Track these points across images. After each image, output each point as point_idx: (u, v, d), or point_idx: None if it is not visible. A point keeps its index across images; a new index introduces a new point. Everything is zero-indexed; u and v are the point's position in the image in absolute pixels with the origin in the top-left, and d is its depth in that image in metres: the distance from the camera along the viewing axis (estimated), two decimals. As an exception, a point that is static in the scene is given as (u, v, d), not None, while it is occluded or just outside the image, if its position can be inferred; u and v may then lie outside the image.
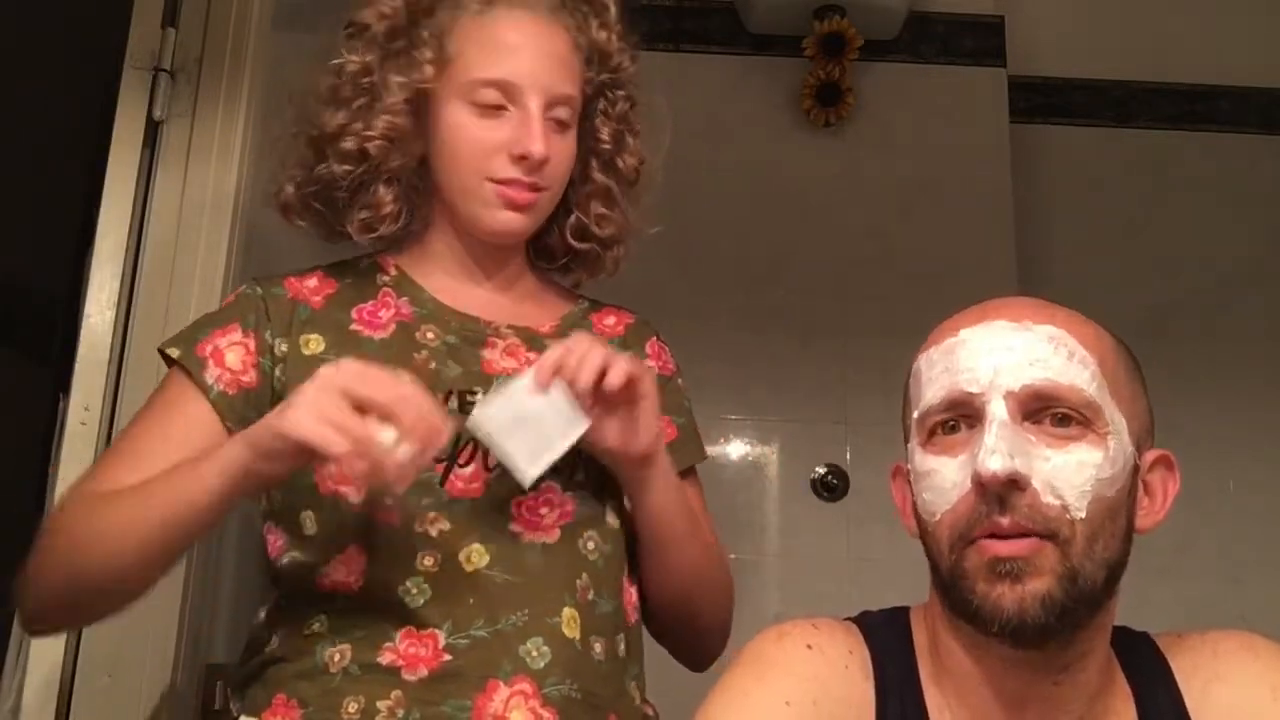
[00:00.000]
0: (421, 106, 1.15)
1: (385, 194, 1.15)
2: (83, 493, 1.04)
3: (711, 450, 1.86)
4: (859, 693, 0.88)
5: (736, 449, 2.15)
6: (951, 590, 0.83)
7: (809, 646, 0.89)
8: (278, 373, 1.11)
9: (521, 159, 1.11)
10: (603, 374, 1.02)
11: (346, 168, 1.14)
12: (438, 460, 1.04)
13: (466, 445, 1.07)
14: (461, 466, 1.07)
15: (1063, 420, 0.82)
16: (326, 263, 1.21)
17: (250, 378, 1.10)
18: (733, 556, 2.00)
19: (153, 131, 1.59)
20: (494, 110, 1.12)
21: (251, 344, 1.12)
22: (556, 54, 1.15)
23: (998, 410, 0.82)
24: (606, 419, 1.05)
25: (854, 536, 2.10)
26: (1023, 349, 0.84)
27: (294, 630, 1.06)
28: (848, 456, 2.13)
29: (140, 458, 1.05)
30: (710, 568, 1.20)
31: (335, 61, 1.16)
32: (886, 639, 0.91)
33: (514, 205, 1.13)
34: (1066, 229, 2.41)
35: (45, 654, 1.42)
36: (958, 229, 2.22)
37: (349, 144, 1.13)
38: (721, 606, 1.23)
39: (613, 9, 1.23)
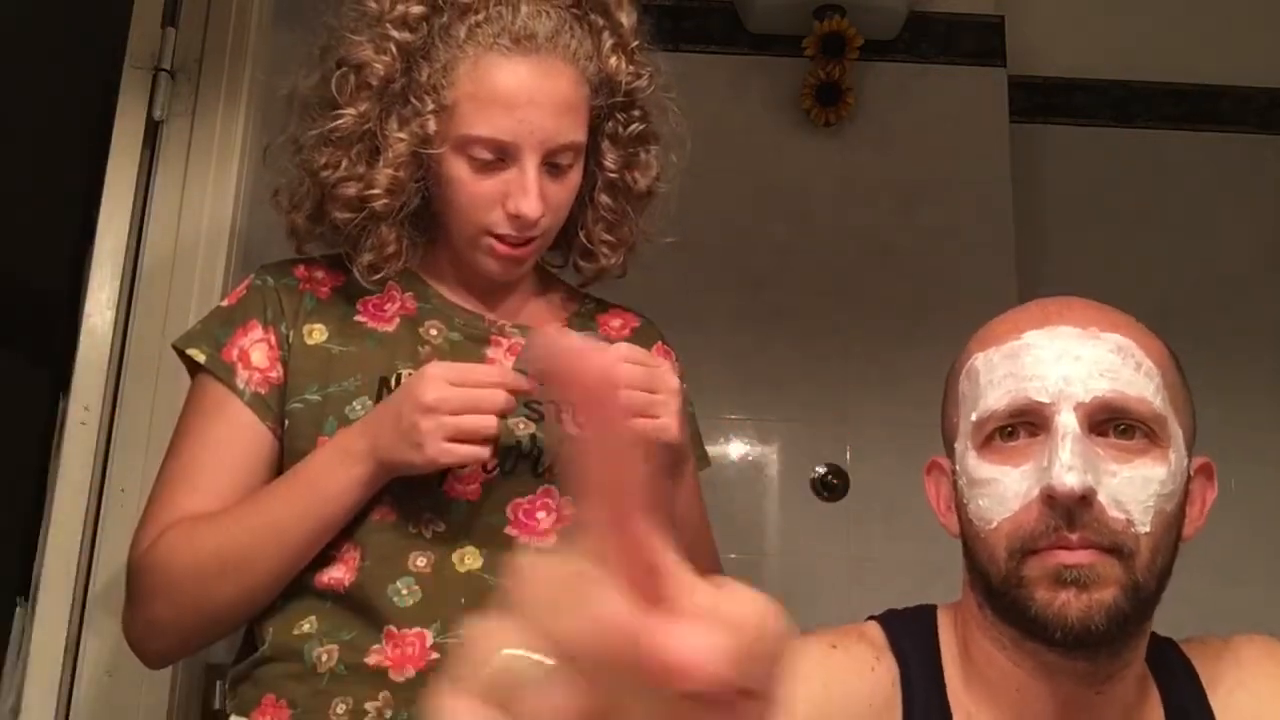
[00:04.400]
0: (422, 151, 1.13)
1: (388, 234, 1.13)
2: (169, 525, 1.06)
3: (712, 450, 1.85)
4: (884, 697, 0.86)
5: (736, 449, 2.15)
6: (1004, 597, 0.81)
7: (833, 646, 0.87)
8: (288, 357, 1.12)
9: (515, 218, 1.10)
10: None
11: (348, 215, 1.12)
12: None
13: None
14: (460, 468, 1.08)
15: (1126, 432, 0.81)
16: (333, 253, 1.21)
17: (277, 373, 1.11)
18: (732, 556, 2.01)
19: (153, 131, 1.59)
20: (490, 166, 1.10)
21: (272, 338, 1.13)
22: (557, 101, 1.09)
23: (1069, 423, 0.79)
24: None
25: (854, 536, 2.10)
26: (1091, 359, 0.82)
27: (284, 630, 1.06)
28: (848, 456, 2.13)
29: (200, 473, 1.08)
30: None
31: (331, 118, 1.11)
32: (911, 643, 0.90)
33: (510, 258, 1.13)
34: (1066, 229, 2.41)
35: (45, 654, 1.42)
36: (958, 229, 2.22)
37: (350, 190, 1.11)
38: None
39: (627, 23, 1.16)
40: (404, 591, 1.04)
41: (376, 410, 1.06)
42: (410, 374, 1.09)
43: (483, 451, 1.01)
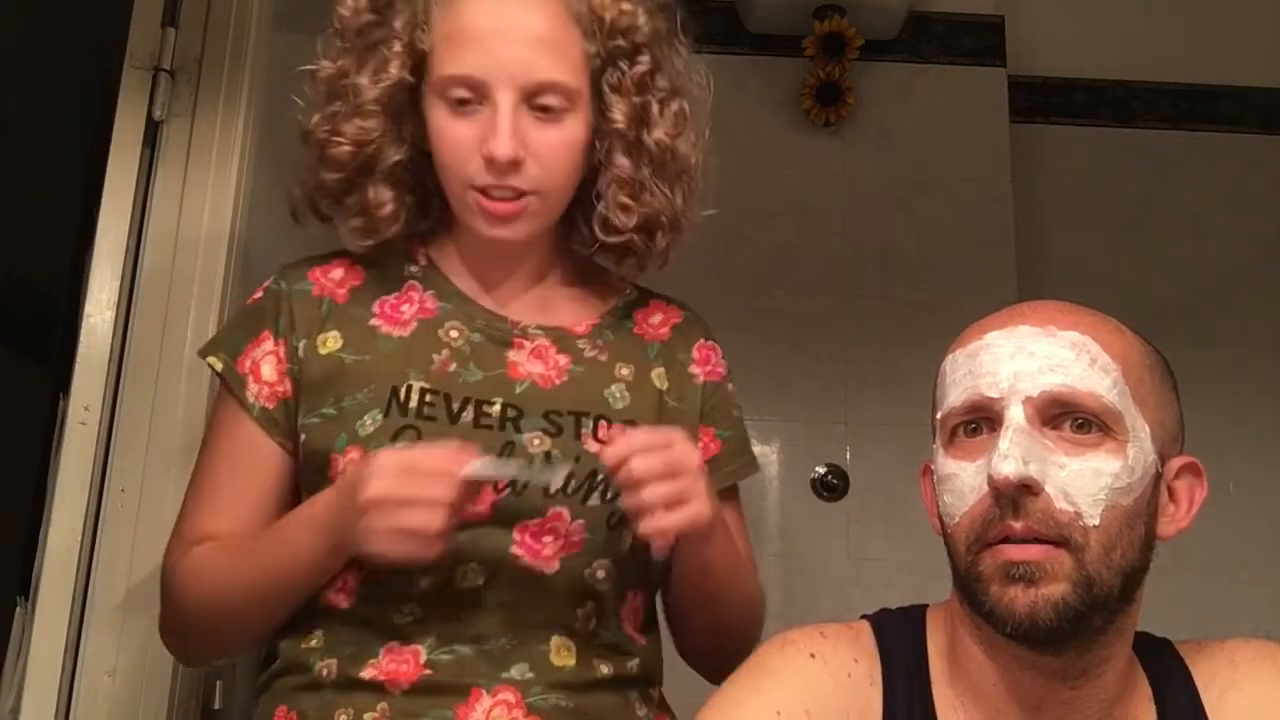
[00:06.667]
0: (412, 100, 1.09)
1: (383, 193, 1.10)
2: (191, 542, 1.09)
3: (711, 450, 1.85)
4: (863, 701, 0.88)
5: (736, 449, 2.15)
6: (968, 591, 0.84)
7: (812, 655, 0.89)
8: (298, 371, 1.10)
9: (490, 160, 1.03)
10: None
11: (334, 176, 1.10)
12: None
13: None
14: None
15: (1082, 426, 0.83)
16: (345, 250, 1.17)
17: (285, 387, 1.10)
18: (733, 556, 2.01)
19: (153, 131, 1.59)
20: (467, 108, 1.04)
21: (282, 351, 1.11)
22: (534, 37, 1.04)
23: (1015, 415, 0.82)
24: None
25: (854, 536, 2.10)
26: (1044, 355, 0.84)
27: (294, 645, 1.07)
28: (848, 456, 2.13)
29: (216, 493, 1.10)
30: (749, 608, 1.16)
31: (310, 67, 1.11)
32: (899, 641, 0.92)
33: (497, 216, 1.06)
34: (1066, 229, 2.41)
35: (45, 654, 1.42)
36: (958, 229, 2.22)
37: (328, 145, 1.09)
38: (751, 638, 1.16)
39: None
40: (404, 610, 1.04)
41: (342, 482, 1.02)
42: (422, 386, 1.07)
43: (427, 551, 0.96)
